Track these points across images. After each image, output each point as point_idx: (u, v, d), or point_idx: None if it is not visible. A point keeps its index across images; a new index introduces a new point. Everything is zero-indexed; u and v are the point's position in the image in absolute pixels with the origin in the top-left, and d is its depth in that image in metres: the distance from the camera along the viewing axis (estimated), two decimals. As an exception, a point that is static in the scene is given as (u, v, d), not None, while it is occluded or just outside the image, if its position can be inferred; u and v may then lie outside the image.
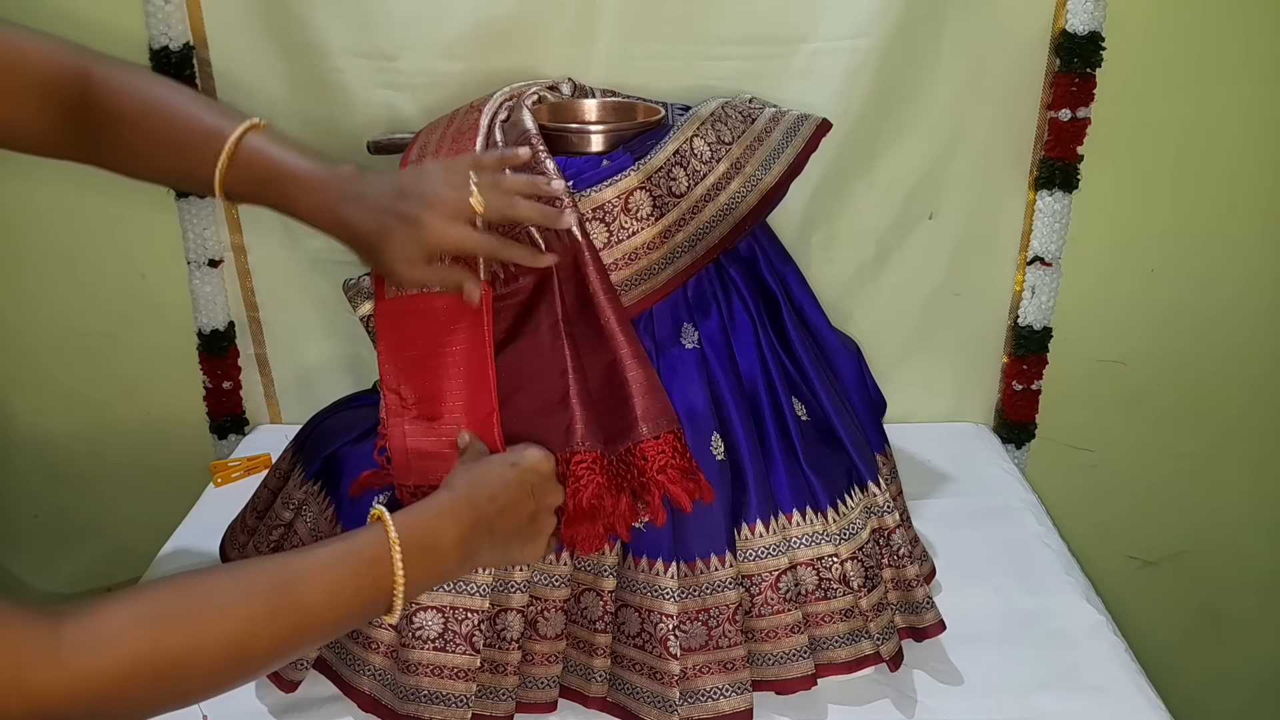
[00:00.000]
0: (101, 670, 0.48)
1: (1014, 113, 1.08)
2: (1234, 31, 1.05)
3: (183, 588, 0.54)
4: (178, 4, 1.01)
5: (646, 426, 0.73)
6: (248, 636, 0.54)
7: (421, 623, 0.74)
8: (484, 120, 0.84)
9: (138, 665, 0.49)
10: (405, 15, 0.99)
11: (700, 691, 0.75)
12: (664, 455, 0.72)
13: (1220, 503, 1.27)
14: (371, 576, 0.59)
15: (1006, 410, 1.20)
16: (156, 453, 1.21)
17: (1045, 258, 1.11)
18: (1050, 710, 0.78)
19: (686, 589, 0.75)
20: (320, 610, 0.57)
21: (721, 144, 0.82)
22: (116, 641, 0.49)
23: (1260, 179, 1.11)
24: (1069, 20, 1.01)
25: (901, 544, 0.82)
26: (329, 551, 0.59)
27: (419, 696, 0.74)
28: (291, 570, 0.57)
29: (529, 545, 0.68)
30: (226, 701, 0.76)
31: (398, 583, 0.59)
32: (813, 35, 1.02)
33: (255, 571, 0.56)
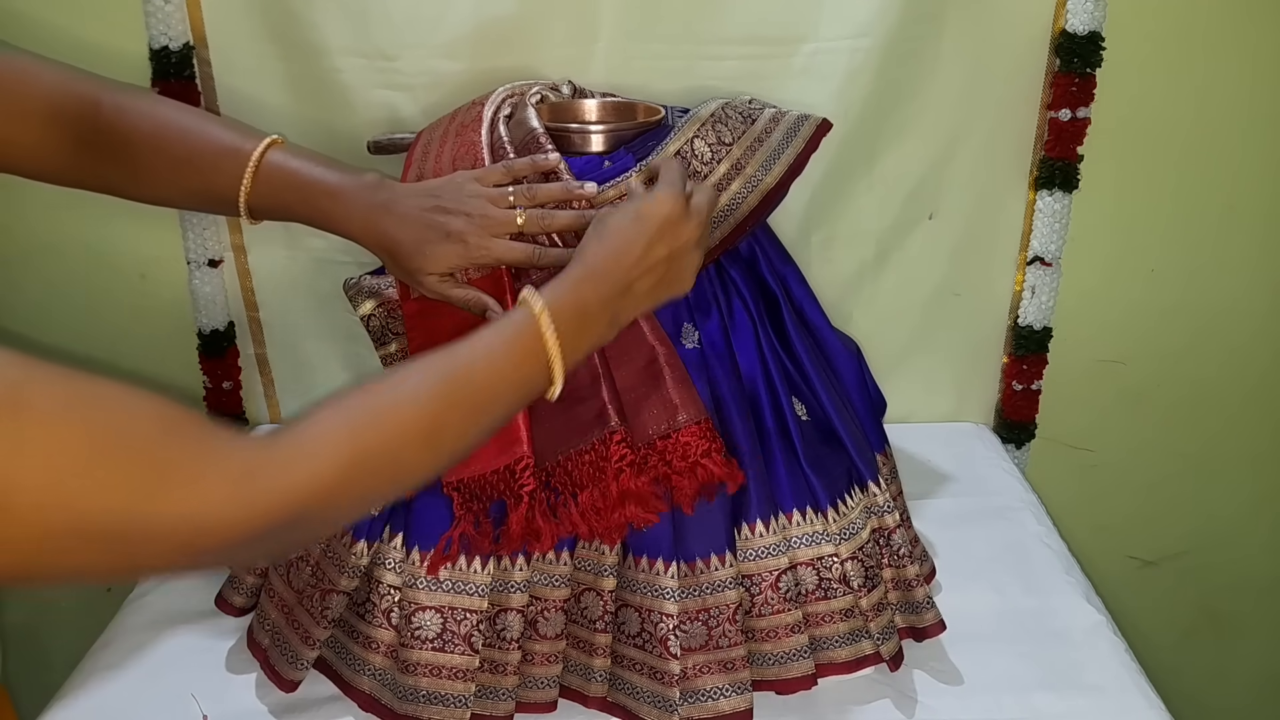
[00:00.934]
0: (320, 474, 0.52)
1: (1014, 113, 1.08)
2: (1235, 32, 1.05)
3: (375, 390, 0.57)
4: (177, 4, 1.01)
5: (684, 415, 0.74)
6: (439, 424, 0.58)
7: (420, 623, 0.74)
8: (487, 113, 0.84)
9: (352, 463, 0.53)
10: (405, 16, 1.00)
11: (700, 691, 0.75)
12: (704, 442, 0.73)
13: (1220, 503, 1.27)
14: (530, 352, 0.62)
15: (1006, 410, 1.20)
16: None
17: (1045, 258, 1.11)
18: (1050, 709, 0.78)
19: (686, 589, 0.75)
20: (492, 392, 0.61)
21: (722, 145, 0.82)
22: (330, 445, 0.53)
23: (1261, 179, 1.12)
24: (1069, 20, 1.01)
25: (902, 544, 0.82)
26: (487, 337, 0.62)
27: (418, 697, 0.74)
28: (459, 361, 0.61)
29: (674, 286, 0.70)
30: (227, 701, 0.78)
31: (552, 355, 0.62)
32: (813, 35, 1.02)
33: (430, 368, 0.60)
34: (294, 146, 0.74)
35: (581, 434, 0.74)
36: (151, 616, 0.88)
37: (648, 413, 0.75)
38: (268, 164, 0.72)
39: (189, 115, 0.75)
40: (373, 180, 0.72)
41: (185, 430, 0.50)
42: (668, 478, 0.74)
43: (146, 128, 0.73)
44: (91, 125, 0.72)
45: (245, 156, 0.72)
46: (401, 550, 0.75)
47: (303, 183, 0.72)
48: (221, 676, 0.81)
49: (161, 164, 0.74)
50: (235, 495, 0.49)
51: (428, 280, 0.72)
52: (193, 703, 0.78)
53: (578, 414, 0.74)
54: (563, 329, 0.62)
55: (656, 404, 0.75)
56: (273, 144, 0.73)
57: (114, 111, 0.73)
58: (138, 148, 0.73)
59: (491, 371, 0.61)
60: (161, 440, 0.48)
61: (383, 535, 0.76)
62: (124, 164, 0.73)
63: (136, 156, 0.73)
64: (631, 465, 0.73)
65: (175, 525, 0.47)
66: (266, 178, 0.72)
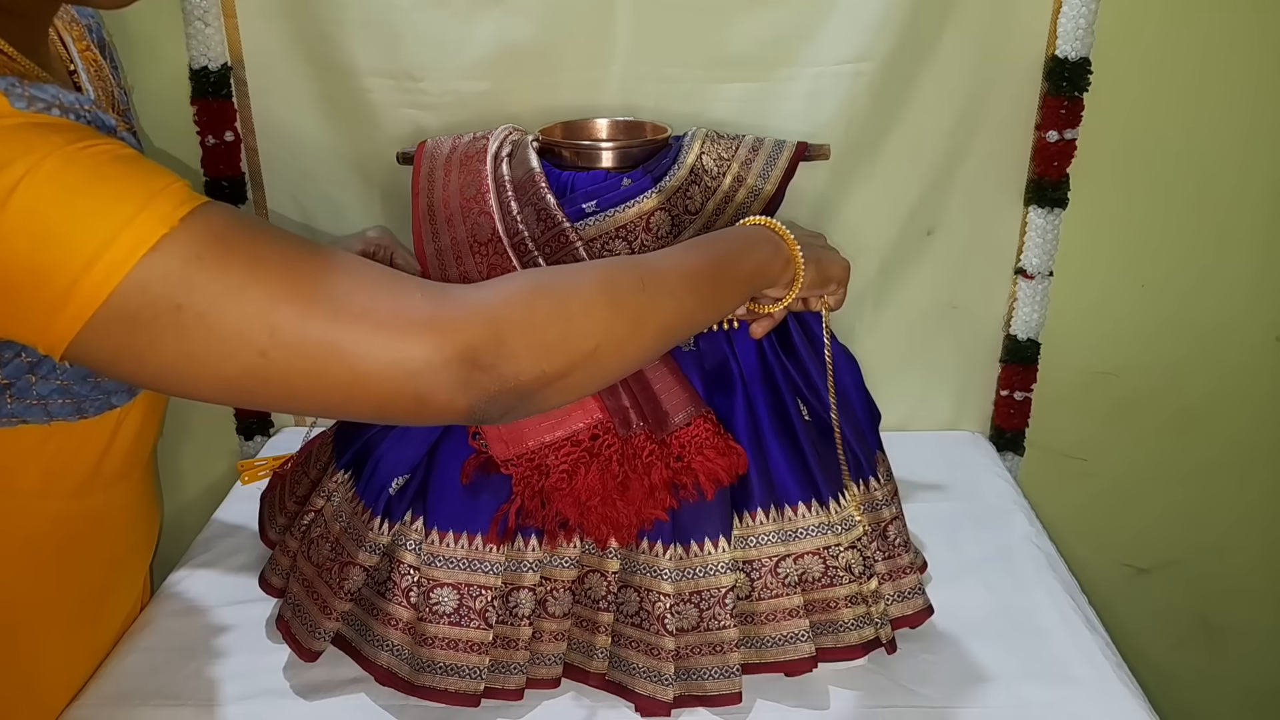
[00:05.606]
0: (580, 293, 0.60)
1: (1009, 134, 1.11)
2: (1224, 53, 1.08)
3: (638, 261, 0.67)
4: (217, 27, 1.06)
5: (683, 413, 0.79)
6: (695, 277, 0.67)
7: (438, 598, 0.78)
8: (491, 146, 0.88)
9: (608, 284, 0.62)
10: (431, 39, 1.05)
11: (692, 670, 0.78)
12: (701, 437, 0.78)
13: (1213, 512, 1.29)
14: (751, 237, 0.73)
15: (1000, 419, 1.23)
16: (187, 452, 1.25)
17: (1032, 272, 1.15)
18: (1036, 699, 0.81)
19: (682, 571, 0.79)
20: (745, 274, 0.71)
21: (723, 159, 0.87)
22: (590, 273, 0.63)
23: (1250, 198, 1.15)
24: (1060, 46, 1.05)
25: (896, 535, 0.86)
26: (737, 233, 0.74)
27: (435, 668, 0.78)
28: (718, 238, 0.72)
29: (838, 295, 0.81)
30: (255, 681, 0.82)
31: (793, 246, 0.73)
32: (815, 59, 1.06)
33: (691, 242, 0.71)
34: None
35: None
36: (185, 603, 0.92)
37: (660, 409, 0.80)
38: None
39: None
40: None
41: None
42: (680, 471, 0.78)
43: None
44: None
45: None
46: (421, 532, 0.80)
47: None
48: (250, 659, 0.85)
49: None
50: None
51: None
52: (225, 684, 0.82)
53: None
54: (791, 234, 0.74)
55: (665, 401, 0.80)
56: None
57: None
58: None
59: (738, 242, 0.71)
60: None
61: (404, 518, 0.80)
62: None
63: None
64: (660, 459, 0.78)
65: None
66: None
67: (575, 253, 0.82)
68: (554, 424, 0.80)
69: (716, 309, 0.70)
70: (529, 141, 0.89)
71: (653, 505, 0.78)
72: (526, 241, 0.82)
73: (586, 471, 0.78)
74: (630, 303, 0.61)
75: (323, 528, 0.85)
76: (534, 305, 0.57)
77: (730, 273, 0.69)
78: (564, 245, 0.82)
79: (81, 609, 0.82)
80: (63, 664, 0.81)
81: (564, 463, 0.78)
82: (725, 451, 0.79)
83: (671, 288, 0.64)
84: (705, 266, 0.67)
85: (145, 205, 0.49)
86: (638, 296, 0.62)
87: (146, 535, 0.90)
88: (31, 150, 0.49)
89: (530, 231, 0.82)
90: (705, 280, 0.67)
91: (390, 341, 0.52)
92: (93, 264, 0.48)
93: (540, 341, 0.56)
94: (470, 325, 0.54)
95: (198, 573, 0.97)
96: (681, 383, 0.81)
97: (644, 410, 0.80)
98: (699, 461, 0.78)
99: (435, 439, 0.82)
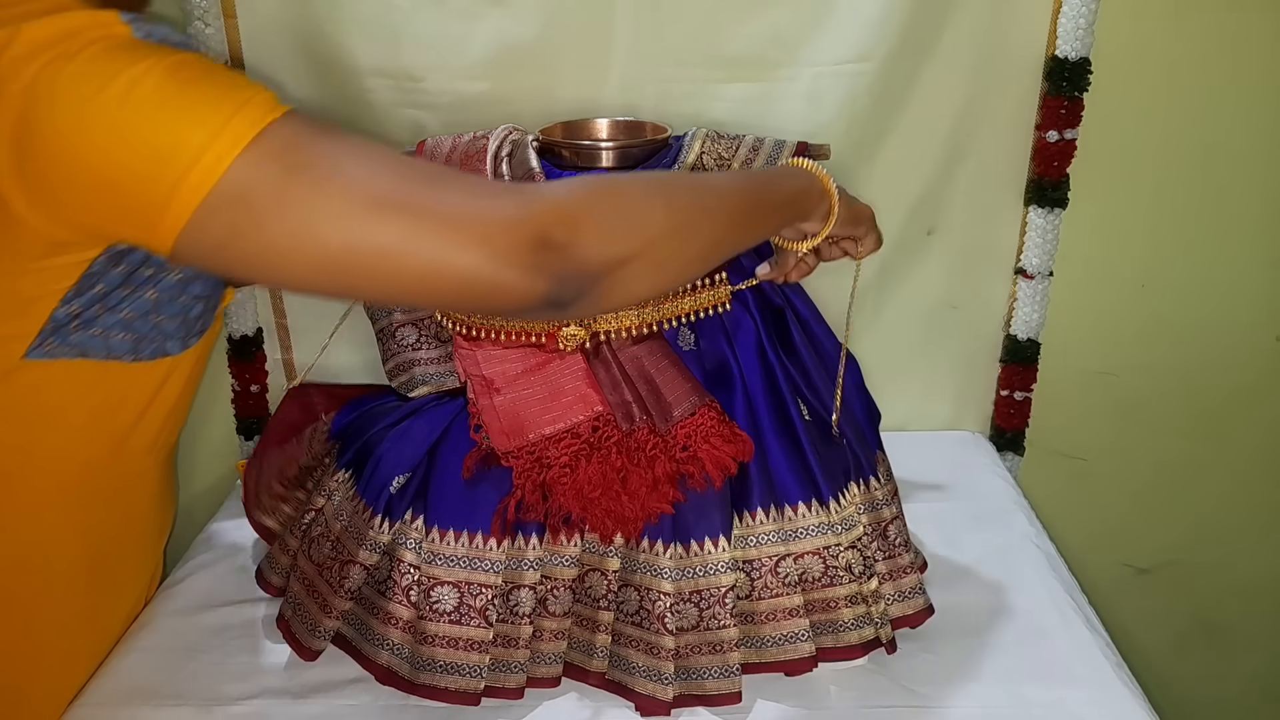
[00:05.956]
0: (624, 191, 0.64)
1: (1009, 134, 1.12)
2: (1224, 53, 1.09)
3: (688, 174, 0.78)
4: (217, 28, 1.05)
5: (687, 403, 0.80)
6: (741, 197, 0.72)
7: (438, 597, 0.78)
8: (491, 146, 0.89)
9: (661, 190, 0.67)
10: (431, 39, 1.05)
11: (691, 670, 0.78)
12: (707, 426, 0.79)
13: (1213, 511, 1.29)
14: (793, 173, 0.77)
15: (1000, 419, 1.23)
16: (187, 452, 1.24)
17: (1038, 272, 1.15)
18: (1037, 699, 0.81)
19: (682, 570, 0.79)
20: (784, 198, 0.75)
21: (724, 160, 0.88)
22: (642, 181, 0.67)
23: (1250, 198, 1.15)
24: (1060, 46, 1.05)
25: (896, 535, 0.86)
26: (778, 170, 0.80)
27: (434, 667, 0.78)
28: (762, 173, 0.80)
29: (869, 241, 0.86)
30: (255, 681, 0.82)
31: (827, 182, 0.77)
32: (815, 60, 1.06)
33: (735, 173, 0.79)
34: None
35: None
36: (185, 603, 0.92)
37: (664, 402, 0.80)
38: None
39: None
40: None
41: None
42: (686, 461, 0.79)
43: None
44: None
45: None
46: (421, 530, 0.80)
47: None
48: (250, 659, 0.85)
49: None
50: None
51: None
52: (225, 684, 0.82)
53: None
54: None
55: (667, 392, 0.80)
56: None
57: None
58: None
59: (779, 175, 0.77)
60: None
61: (404, 517, 0.81)
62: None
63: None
64: (664, 452, 0.79)
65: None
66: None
67: None
68: (555, 416, 0.80)
69: (759, 228, 0.75)
70: (529, 141, 0.89)
71: (657, 499, 0.78)
72: None
73: (588, 464, 0.78)
74: (683, 205, 0.67)
75: (323, 526, 0.85)
76: (598, 197, 0.62)
77: (770, 195, 0.75)
78: None
79: (96, 571, 0.83)
80: (80, 627, 0.83)
81: (564, 455, 0.79)
82: (731, 439, 0.79)
83: (719, 199, 0.70)
84: (748, 188, 0.73)
85: (243, 105, 0.56)
86: (690, 201, 0.67)
87: (160, 522, 0.92)
88: (141, 60, 0.56)
89: None
90: (748, 199, 0.73)
91: (470, 228, 0.57)
92: (199, 157, 0.55)
93: (605, 227, 0.61)
94: (542, 212, 0.59)
95: (198, 572, 0.97)
96: (684, 374, 0.81)
97: (646, 404, 0.80)
98: (705, 450, 0.78)
99: (435, 438, 0.83)
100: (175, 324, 0.73)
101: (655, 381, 0.81)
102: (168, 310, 0.72)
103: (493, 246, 0.57)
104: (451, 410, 0.84)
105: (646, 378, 0.81)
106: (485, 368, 0.82)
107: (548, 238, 0.58)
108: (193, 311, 0.75)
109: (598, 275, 0.60)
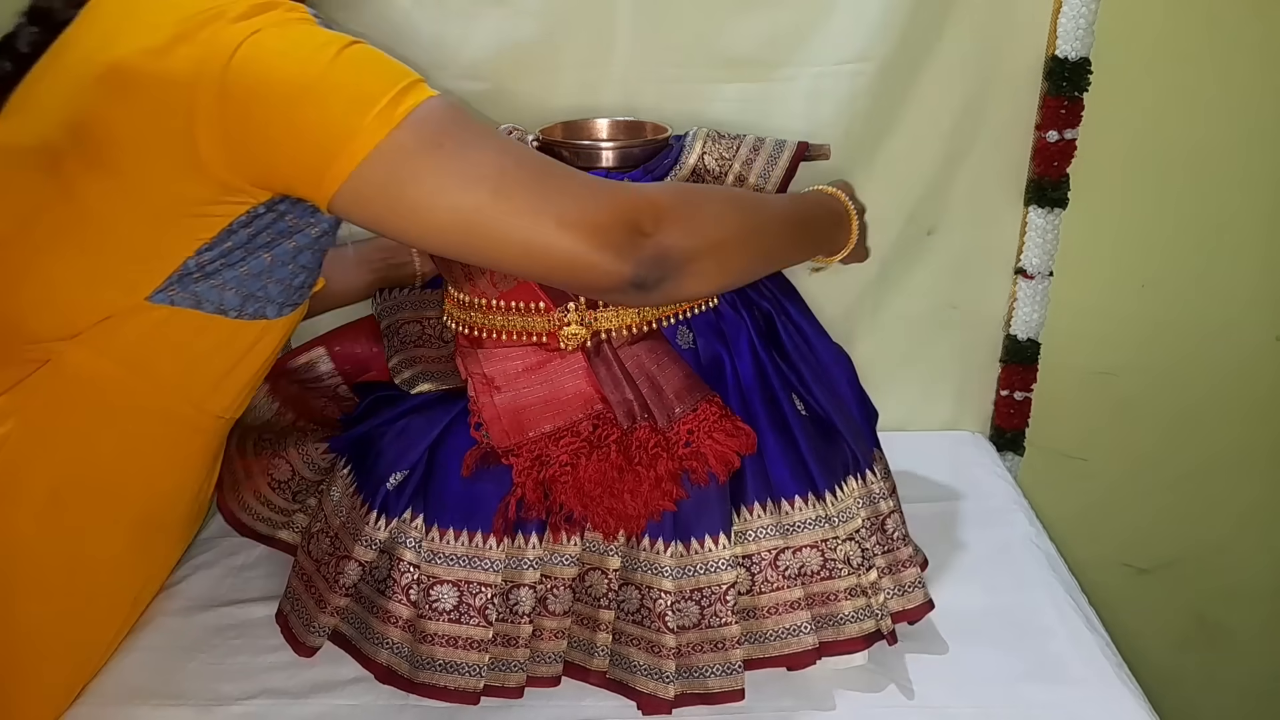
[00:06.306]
0: (692, 200, 0.74)
1: (1009, 134, 1.12)
2: (1224, 53, 1.09)
3: (754, 193, 0.87)
4: (218, 27, 1.06)
5: (688, 399, 0.80)
6: (790, 222, 0.82)
7: (438, 595, 0.78)
8: None
9: (722, 201, 0.77)
10: (432, 37, 1.05)
11: (693, 669, 0.78)
12: (709, 421, 0.80)
13: (1213, 512, 1.29)
14: (830, 207, 0.86)
15: (1000, 419, 1.24)
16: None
17: (1038, 272, 1.15)
18: (1036, 699, 0.81)
19: (683, 568, 0.79)
20: (822, 231, 0.85)
21: (725, 159, 0.88)
22: (703, 192, 0.79)
23: (1250, 198, 1.15)
24: (1060, 46, 1.06)
25: (895, 529, 0.86)
26: (820, 197, 0.87)
27: (434, 666, 0.78)
28: (797, 203, 0.86)
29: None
30: (256, 681, 0.82)
31: (853, 225, 0.87)
32: (815, 60, 1.06)
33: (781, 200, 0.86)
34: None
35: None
36: (185, 603, 0.92)
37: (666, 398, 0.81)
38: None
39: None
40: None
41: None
42: (689, 457, 0.79)
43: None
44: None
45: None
46: (421, 529, 0.80)
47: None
48: (250, 659, 0.85)
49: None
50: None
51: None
52: (225, 683, 0.82)
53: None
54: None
55: (668, 389, 0.80)
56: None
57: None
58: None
59: (826, 212, 0.86)
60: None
61: (404, 515, 0.81)
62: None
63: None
64: (665, 450, 0.79)
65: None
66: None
67: None
68: (554, 413, 0.80)
69: (798, 253, 0.85)
70: (529, 141, 0.89)
71: (660, 497, 0.78)
72: None
73: (588, 462, 0.79)
74: (750, 216, 0.78)
75: (323, 523, 0.85)
76: (684, 198, 0.74)
77: (813, 229, 0.85)
78: None
79: (148, 519, 0.86)
80: (131, 563, 0.87)
81: (565, 453, 0.79)
82: (734, 433, 0.79)
83: (777, 221, 0.81)
84: (800, 217, 0.84)
85: (412, 84, 0.67)
86: (755, 215, 0.79)
87: (205, 493, 0.94)
88: (336, 37, 0.68)
89: None
90: (798, 227, 0.83)
91: (572, 214, 0.66)
92: (373, 117, 0.65)
93: (687, 221, 0.71)
94: (635, 203, 0.69)
95: (198, 572, 0.97)
96: (685, 371, 0.81)
97: (647, 402, 0.80)
98: (709, 445, 0.78)
99: (435, 436, 0.83)
100: (279, 289, 0.79)
101: (657, 379, 0.81)
102: (277, 274, 0.78)
103: (590, 231, 0.66)
104: (452, 409, 0.84)
105: (648, 375, 0.81)
106: (486, 365, 0.83)
107: (638, 225, 0.68)
108: (296, 280, 0.80)
109: (678, 263, 0.69)
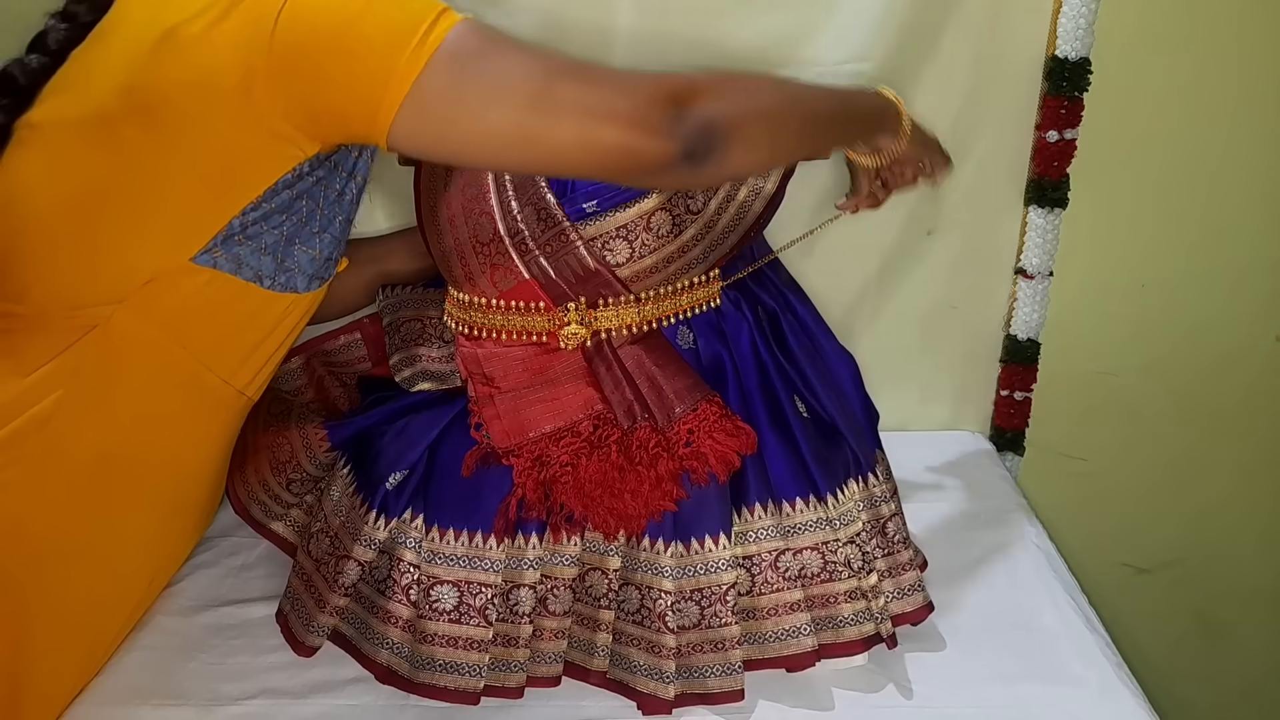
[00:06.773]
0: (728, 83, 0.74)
1: (1009, 133, 1.12)
2: (1224, 53, 1.09)
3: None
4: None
5: (689, 398, 0.80)
6: (831, 98, 0.84)
7: (438, 596, 0.78)
8: None
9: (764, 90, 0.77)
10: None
11: (693, 669, 0.79)
12: (710, 420, 0.80)
13: (1212, 511, 1.29)
14: (874, 99, 0.88)
15: (1000, 419, 1.23)
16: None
17: (1038, 272, 1.15)
18: (1036, 698, 0.82)
19: (683, 568, 0.79)
20: (864, 111, 0.86)
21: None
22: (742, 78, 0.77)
23: (1250, 198, 1.15)
24: (1060, 46, 1.06)
25: (895, 532, 0.86)
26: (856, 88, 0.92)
27: (434, 665, 0.78)
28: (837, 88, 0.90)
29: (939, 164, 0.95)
30: (256, 681, 0.82)
31: (900, 104, 0.88)
32: (814, 58, 1.06)
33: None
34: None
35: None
36: (185, 603, 0.92)
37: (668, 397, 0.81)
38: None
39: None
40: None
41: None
42: (689, 456, 0.79)
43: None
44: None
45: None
46: (421, 529, 0.80)
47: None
48: (250, 659, 0.85)
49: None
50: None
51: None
52: (225, 684, 0.82)
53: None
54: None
55: (669, 388, 0.80)
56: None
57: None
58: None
59: (862, 94, 0.88)
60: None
61: (403, 515, 0.81)
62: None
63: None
64: (665, 450, 0.79)
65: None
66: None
67: (576, 252, 0.82)
68: (554, 413, 0.80)
69: (841, 133, 0.85)
70: None
71: (660, 497, 0.78)
72: (527, 240, 0.82)
73: (588, 462, 0.79)
74: (788, 89, 0.80)
75: (323, 522, 0.85)
76: (715, 73, 0.74)
77: (853, 106, 0.86)
78: (565, 244, 0.82)
79: (173, 497, 0.87)
80: (157, 533, 0.87)
81: (565, 453, 0.79)
82: (734, 433, 0.79)
83: (816, 95, 0.83)
84: (833, 97, 0.85)
85: (436, 8, 0.69)
86: (793, 89, 0.81)
87: (211, 500, 0.95)
88: None
89: (530, 230, 0.82)
90: (834, 105, 0.84)
91: (612, 108, 0.68)
92: (419, 40, 0.67)
93: (725, 91, 0.72)
94: (670, 82, 0.70)
95: (198, 572, 0.97)
96: (686, 371, 0.81)
97: (647, 402, 0.80)
98: (709, 444, 0.78)
99: (435, 437, 0.83)
100: (309, 259, 0.80)
101: (657, 379, 0.81)
102: (310, 243, 0.79)
103: (633, 119, 0.68)
104: (452, 409, 0.85)
105: (648, 375, 0.81)
106: (486, 366, 0.83)
107: (677, 99, 0.69)
108: (325, 251, 0.81)
109: (724, 130, 0.70)
